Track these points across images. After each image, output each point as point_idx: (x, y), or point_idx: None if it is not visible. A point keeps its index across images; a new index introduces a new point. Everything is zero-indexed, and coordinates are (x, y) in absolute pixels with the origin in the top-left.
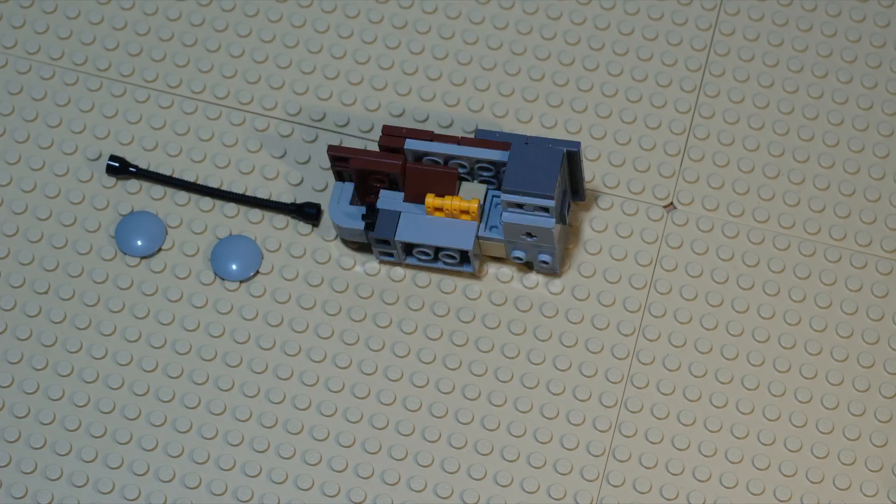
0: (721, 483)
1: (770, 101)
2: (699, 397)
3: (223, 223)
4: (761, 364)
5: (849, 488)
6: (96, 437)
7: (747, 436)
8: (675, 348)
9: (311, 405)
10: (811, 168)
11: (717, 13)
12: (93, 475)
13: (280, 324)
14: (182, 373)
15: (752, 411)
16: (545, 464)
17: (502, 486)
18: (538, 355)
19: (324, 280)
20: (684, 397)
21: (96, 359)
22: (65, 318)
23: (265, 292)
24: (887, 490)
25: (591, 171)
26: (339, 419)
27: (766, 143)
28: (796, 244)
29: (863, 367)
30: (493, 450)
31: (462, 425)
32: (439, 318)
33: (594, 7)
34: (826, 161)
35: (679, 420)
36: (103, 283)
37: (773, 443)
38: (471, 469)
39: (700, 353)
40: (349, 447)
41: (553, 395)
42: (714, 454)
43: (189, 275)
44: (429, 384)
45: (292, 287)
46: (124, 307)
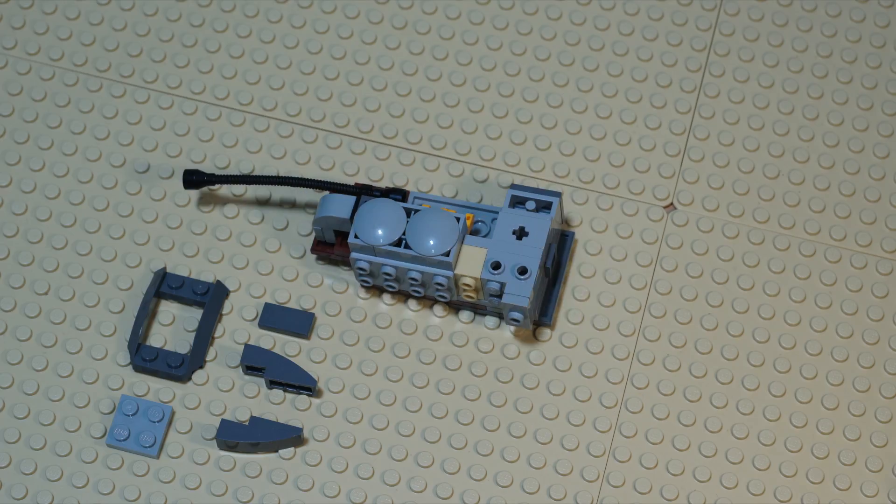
0: (721, 483)
1: (770, 101)
2: (699, 398)
3: (223, 224)
4: (761, 364)
5: (849, 489)
6: (97, 439)
7: (748, 436)
8: (676, 349)
9: (310, 406)
10: (811, 168)
11: (717, 14)
12: (93, 476)
13: None
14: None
15: (752, 412)
16: (545, 464)
17: (502, 487)
18: (538, 356)
19: (323, 280)
20: (684, 398)
21: (96, 360)
22: (65, 319)
23: (265, 292)
24: (887, 490)
25: (591, 172)
26: (340, 420)
27: (766, 143)
28: (796, 244)
29: (863, 367)
30: (493, 450)
31: (462, 426)
32: (439, 318)
33: (594, 8)
34: (826, 161)
35: (679, 420)
36: (103, 284)
37: (773, 443)
38: (471, 470)
39: (700, 353)
40: (349, 448)
41: (553, 396)
42: (714, 455)
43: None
44: (429, 385)
45: (292, 287)
46: (124, 308)
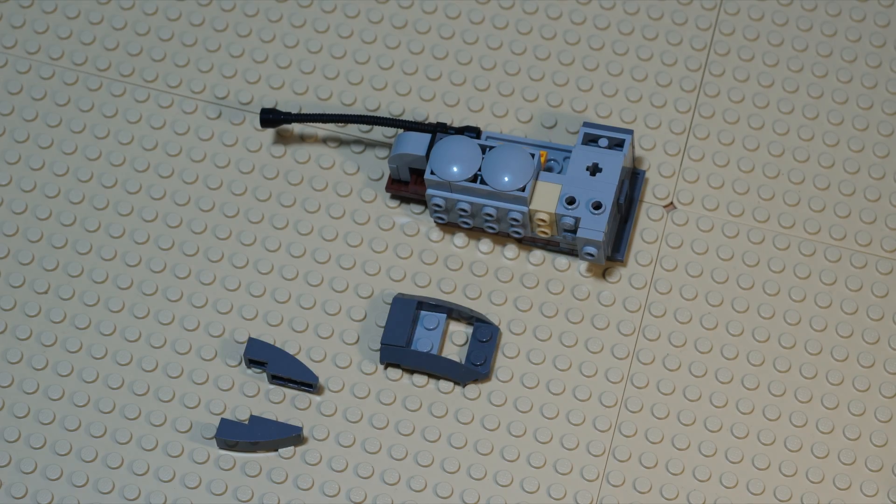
0: (721, 483)
1: (770, 100)
2: (699, 397)
3: (224, 224)
4: (761, 364)
5: (849, 488)
6: (96, 437)
7: (747, 435)
8: (675, 348)
9: (310, 405)
10: (811, 168)
11: (716, 13)
12: (93, 475)
13: (280, 324)
14: (182, 373)
15: (752, 411)
16: (545, 463)
17: (502, 486)
18: (538, 355)
19: (324, 280)
20: (684, 397)
21: (96, 359)
22: (65, 318)
23: (265, 292)
24: (887, 490)
25: None
26: (339, 419)
27: (766, 142)
28: (796, 244)
29: (863, 366)
30: (492, 449)
31: (462, 425)
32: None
33: (594, 7)
34: (826, 161)
35: (679, 420)
36: (103, 283)
37: (773, 442)
38: (471, 469)
39: (700, 352)
40: (349, 447)
41: (553, 395)
42: (714, 454)
43: (189, 274)
44: (429, 384)
45: (292, 287)
46: (124, 307)
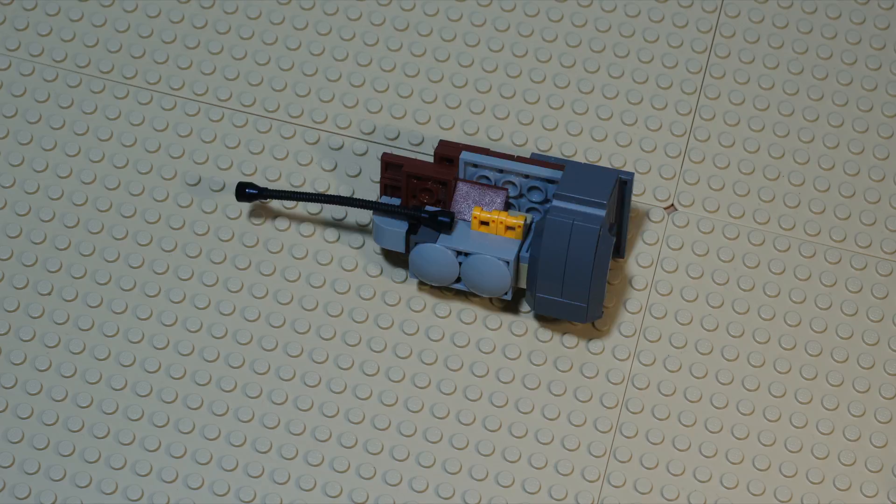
0: (722, 484)
1: (770, 103)
2: (700, 398)
3: (225, 224)
4: (762, 365)
5: (849, 489)
6: (99, 438)
7: (748, 436)
8: (676, 349)
9: (313, 406)
10: (811, 170)
11: (717, 15)
12: (96, 476)
13: (283, 325)
14: (185, 374)
15: (752, 412)
16: (546, 464)
17: (504, 487)
18: (539, 356)
19: (325, 281)
20: (685, 398)
21: (99, 360)
22: (68, 320)
23: (267, 293)
24: (887, 490)
25: None
26: (342, 420)
27: (766, 144)
28: (797, 246)
29: (863, 368)
30: (494, 450)
31: (464, 426)
32: (441, 319)
33: (595, 9)
34: (826, 163)
35: (680, 421)
36: (106, 284)
37: (773, 443)
38: (472, 470)
39: (701, 354)
40: (351, 448)
41: (554, 396)
42: (715, 455)
43: (192, 276)
44: (430, 385)
45: (294, 288)
46: (127, 308)
